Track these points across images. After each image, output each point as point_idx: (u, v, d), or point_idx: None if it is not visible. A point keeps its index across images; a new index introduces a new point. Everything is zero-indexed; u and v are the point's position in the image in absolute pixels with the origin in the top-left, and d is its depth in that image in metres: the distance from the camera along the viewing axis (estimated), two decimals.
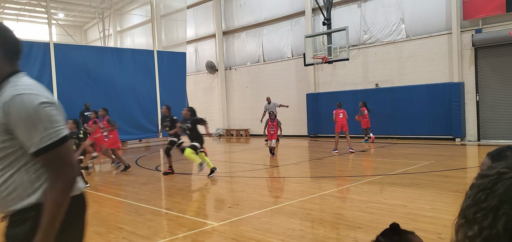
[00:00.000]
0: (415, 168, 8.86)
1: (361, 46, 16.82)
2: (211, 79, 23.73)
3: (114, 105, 18.32)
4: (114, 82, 18.34)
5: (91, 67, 17.74)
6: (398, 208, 5.63)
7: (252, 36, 21.37)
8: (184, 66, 21.26)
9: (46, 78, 16.42)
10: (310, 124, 18.64)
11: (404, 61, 15.61)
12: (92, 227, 5.36)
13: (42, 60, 16.37)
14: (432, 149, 12.42)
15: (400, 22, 15.63)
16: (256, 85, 21.34)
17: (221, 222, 5.36)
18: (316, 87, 18.67)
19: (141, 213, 6.04)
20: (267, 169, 9.89)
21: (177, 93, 20.45)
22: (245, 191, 7.55)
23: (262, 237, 4.57)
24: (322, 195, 6.78)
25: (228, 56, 22.87)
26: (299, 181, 8.28)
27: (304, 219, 5.32)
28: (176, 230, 5.03)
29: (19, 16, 28.09)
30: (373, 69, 16.55)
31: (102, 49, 20.94)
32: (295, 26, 19.34)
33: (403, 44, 15.59)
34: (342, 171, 9.15)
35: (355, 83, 17.13)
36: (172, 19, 24.41)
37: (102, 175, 10.89)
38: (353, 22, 16.76)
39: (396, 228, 1.07)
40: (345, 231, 4.71)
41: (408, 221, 4.96)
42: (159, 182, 9.23)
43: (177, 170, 10.45)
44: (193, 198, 7.28)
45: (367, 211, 5.51)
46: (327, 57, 15.60)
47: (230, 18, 22.46)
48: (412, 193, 6.57)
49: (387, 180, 7.74)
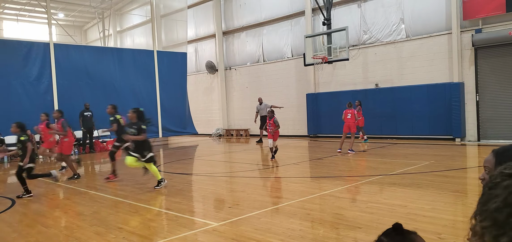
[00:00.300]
0: (415, 168, 8.86)
1: (361, 46, 16.82)
2: (211, 79, 23.73)
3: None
4: (114, 83, 18.35)
5: (91, 67, 17.74)
6: (398, 208, 5.63)
7: (252, 36, 21.37)
8: (185, 66, 21.26)
9: (46, 78, 16.44)
10: (310, 124, 18.64)
11: (404, 61, 15.61)
12: (92, 227, 5.36)
13: (42, 60, 16.37)
14: (432, 149, 12.42)
15: (400, 22, 15.63)
16: (256, 85, 21.33)
17: (221, 222, 5.36)
18: (316, 87, 18.67)
19: (141, 213, 6.04)
20: (267, 169, 9.89)
21: (177, 93, 20.45)
22: (245, 191, 7.55)
23: (262, 237, 4.58)
24: (322, 195, 6.78)
25: (228, 56, 22.87)
26: (299, 181, 8.29)
27: (304, 219, 5.32)
28: (176, 230, 5.03)
29: (19, 16, 28.07)
30: (373, 69, 16.55)
31: (102, 49, 20.93)
32: (295, 26, 19.34)
33: (403, 44, 15.59)
34: (342, 171, 9.16)
35: (355, 83, 17.13)
36: (172, 19, 24.40)
37: (102, 175, 10.89)
38: (353, 22, 16.76)
39: (399, 228, 1.07)
40: (345, 231, 4.71)
41: (408, 221, 4.97)
42: None
43: (177, 170, 10.45)
44: (193, 198, 7.28)
45: (367, 211, 5.51)
46: (327, 57, 15.60)
47: (230, 18, 22.46)
48: (412, 193, 6.57)
49: (387, 180, 7.74)
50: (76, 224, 5.64)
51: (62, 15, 28.82)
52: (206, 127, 23.09)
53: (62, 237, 5.12)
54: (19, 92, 15.77)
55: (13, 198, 7.55)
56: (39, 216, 6.13)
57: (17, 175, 7.77)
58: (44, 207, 6.82)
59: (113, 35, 29.30)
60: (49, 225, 5.64)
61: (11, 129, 8.31)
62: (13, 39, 19.42)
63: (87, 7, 27.11)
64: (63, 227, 5.69)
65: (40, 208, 6.69)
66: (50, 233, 5.21)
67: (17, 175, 7.75)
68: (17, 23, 28.77)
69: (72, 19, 30.36)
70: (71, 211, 6.60)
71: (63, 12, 28.42)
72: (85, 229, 5.30)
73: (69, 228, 5.56)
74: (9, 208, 6.78)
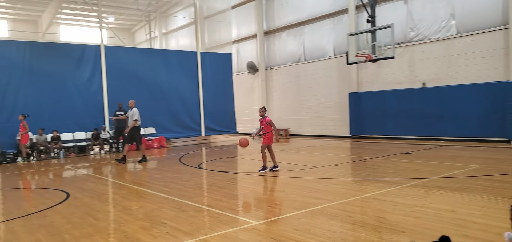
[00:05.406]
0: (464, 172, 8.43)
1: (407, 44, 16.25)
2: (252, 80, 23.90)
3: (160, 105, 19.03)
4: (160, 83, 19.01)
5: (138, 68, 18.50)
6: (445, 213, 5.39)
7: (293, 35, 21.28)
8: (229, 67, 21.58)
9: (97, 79, 17.35)
10: (353, 124, 18.27)
11: (454, 59, 14.89)
12: (137, 221, 5.60)
13: (94, 62, 17.30)
14: (483, 152, 11.75)
15: (450, 18, 14.93)
16: (296, 84, 21.24)
17: (261, 221, 5.40)
18: (359, 87, 18.27)
19: (184, 209, 6.22)
20: (307, 170, 9.82)
21: (220, 93, 20.80)
22: (285, 191, 7.54)
23: (302, 238, 4.56)
24: (364, 197, 6.64)
25: (269, 56, 22.93)
26: (340, 183, 8.15)
27: (345, 221, 5.24)
28: (217, 227, 5.13)
29: (74, 21, 29.82)
30: (420, 68, 15.93)
31: (149, 51, 21.76)
32: (337, 24, 19.03)
33: (453, 41, 14.87)
34: (385, 173, 8.90)
35: (401, 83, 16.57)
36: (215, 21, 24.84)
37: (148, 171, 11.33)
38: (398, 19, 16.23)
39: (447, 241, 1.02)
40: (387, 235, 4.58)
41: (455, 227, 4.75)
42: (201, 179, 9.45)
43: (218, 168, 10.64)
44: (233, 196, 7.39)
45: (412, 215, 5.32)
46: (371, 55, 15.23)
47: (271, 18, 22.51)
48: (460, 197, 6.27)
49: (433, 183, 7.43)
50: (123, 218, 5.92)
51: (112, 19, 30.25)
52: (247, 126, 23.30)
53: (111, 230, 5.39)
54: (73, 93, 16.77)
55: (68, 191, 8.05)
56: (90, 209, 6.49)
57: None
58: (95, 201, 7.21)
59: (159, 37, 30.34)
60: (99, 218, 5.96)
61: None
62: (69, 42, 20.67)
63: (135, 10, 28.26)
64: (111, 220, 5.98)
65: (91, 202, 7.08)
66: (99, 226, 5.51)
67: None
68: (72, 27, 30.59)
69: (121, 22, 31.78)
70: (119, 205, 6.92)
71: (113, 16, 29.82)
72: (131, 223, 5.54)
73: (117, 221, 5.84)
74: (64, 201, 7.24)
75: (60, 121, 16.32)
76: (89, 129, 16.86)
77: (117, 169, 11.60)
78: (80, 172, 11.53)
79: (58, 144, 15.77)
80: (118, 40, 23.94)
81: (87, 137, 16.87)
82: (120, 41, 24.44)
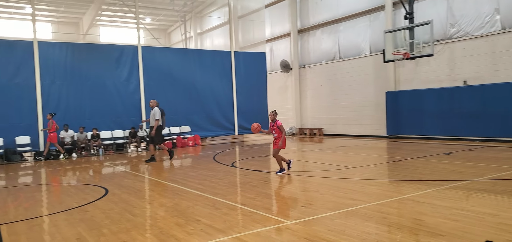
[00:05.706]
0: (508, 174, 8.00)
1: (447, 41, 15.63)
2: (285, 78, 23.82)
3: (195, 104, 19.39)
4: (195, 82, 19.36)
5: (174, 68, 18.92)
6: (488, 216, 5.14)
7: (328, 33, 21.01)
8: (264, 66, 21.64)
9: (134, 79, 17.90)
10: (390, 123, 17.81)
11: (498, 56, 14.17)
12: (172, 218, 5.73)
13: (131, 63, 17.87)
14: None
15: (495, 13, 14.21)
16: (331, 83, 20.95)
17: (294, 220, 5.38)
18: (396, 85, 17.78)
19: (218, 207, 6.30)
20: (342, 170, 9.67)
21: (253, 91, 20.89)
22: (319, 191, 7.47)
23: (336, 239, 4.50)
24: (400, 199, 6.45)
25: (303, 55, 22.76)
26: (376, 184, 7.97)
27: (381, 223, 5.11)
28: (250, 226, 5.16)
29: (113, 22, 30.88)
30: (461, 66, 15.28)
31: (184, 51, 22.18)
32: (373, 21, 18.61)
33: (497, 37, 14.15)
34: (423, 175, 8.60)
35: (440, 81, 15.98)
36: (249, 20, 24.95)
37: (183, 169, 11.56)
38: (438, 15, 15.65)
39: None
40: (425, 238, 4.43)
41: (499, 232, 4.52)
42: (235, 178, 9.54)
43: (252, 167, 10.69)
44: (267, 195, 7.40)
45: (451, 218, 5.12)
46: (409, 53, 14.78)
47: (306, 16, 22.32)
48: (505, 201, 5.95)
49: (475, 186, 7.10)
50: (159, 214, 6.07)
51: (149, 20, 31.08)
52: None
53: (147, 226, 5.55)
54: (112, 92, 17.40)
55: (107, 188, 8.36)
56: (127, 205, 6.71)
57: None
58: (132, 197, 7.45)
59: (194, 37, 30.85)
60: (136, 213, 6.15)
61: None
62: (108, 43, 21.47)
63: (171, 11, 28.88)
64: (148, 216, 6.16)
65: (128, 198, 7.32)
66: (136, 222, 5.69)
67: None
68: (111, 28, 31.71)
69: (158, 23, 32.58)
70: (155, 202, 7.12)
71: (150, 17, 30.63)
72: (167, 219, 5.68)
73: (153, 218, 6.00)
74: (103, 197, 7.54)
75: (100, 119, 16.98)
76: (127, 127, 17.43)
77: (153, 167, 11.93)
78: (118, 169, 11.94)
79: (98, 142, 16.42)
80: (155, 41, 24.58)
81: (125, 135, 17.46)
82: (157, 41, 25.09)
